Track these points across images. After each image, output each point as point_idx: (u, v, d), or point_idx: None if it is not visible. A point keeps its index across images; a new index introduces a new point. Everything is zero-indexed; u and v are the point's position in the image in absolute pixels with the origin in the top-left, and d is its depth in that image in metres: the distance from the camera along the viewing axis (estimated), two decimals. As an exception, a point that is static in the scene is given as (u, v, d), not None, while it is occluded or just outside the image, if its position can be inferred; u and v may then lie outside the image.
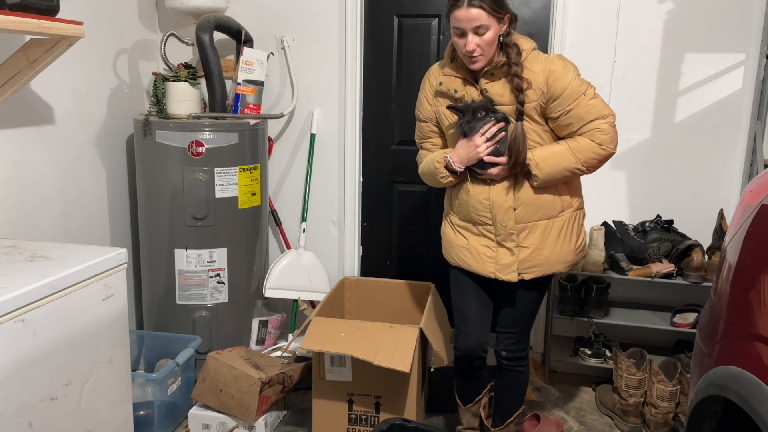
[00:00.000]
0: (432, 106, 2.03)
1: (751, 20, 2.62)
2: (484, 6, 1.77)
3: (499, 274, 1.98)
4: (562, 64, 1.86)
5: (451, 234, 2.10)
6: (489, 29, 1.79)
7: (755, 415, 1.21)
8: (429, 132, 2.08)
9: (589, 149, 1.87)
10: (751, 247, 1.41)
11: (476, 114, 1.86)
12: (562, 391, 2.85)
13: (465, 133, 1.88)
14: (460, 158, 1.91)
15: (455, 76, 1.95)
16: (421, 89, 2.07)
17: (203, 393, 2.36)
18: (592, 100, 1.86)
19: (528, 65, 1.86)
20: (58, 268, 1.67)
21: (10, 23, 1.72)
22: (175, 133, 2.60)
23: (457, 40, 1.84)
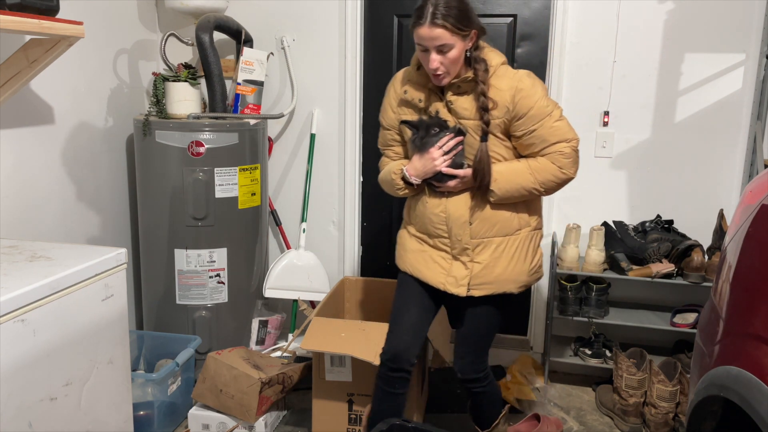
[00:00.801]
0: (396, 114, 1.97)
1: (751, 20, 2.62)
2: (447, 25, 1.70)
3: (449, 287, 1.92)
4: (531, 83, 1.81)
5: (407, 239, 2.04)
6: (453, 47, 1.73)
7: (755, 416, 1.21)
8: (391, 140, 2.02)
9: (549, 171, 1.83)
10: (751, 247, 1.41)
11: (430, 130, 1.83)
12: (562, 391, 2.85)
13: (418, 148, 1.85)
14: (417, 171, 1.87)
15: (421, 86, 1.89)
16: (386, 96, 2.01)
17: (203, 393, 2.36)
18: (558, 122, 1.82)
19: (495, 82, 1.80)
20: (58, 268, 1.67)
21: (10, 23, 1.72)
22: (175, 133, 2.60)
23: (421, 56, 1.78)
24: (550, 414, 2.64)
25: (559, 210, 2.97)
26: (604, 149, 2.86)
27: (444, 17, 1.69)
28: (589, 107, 2.84)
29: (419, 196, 1.96)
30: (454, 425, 2.56)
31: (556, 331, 3.02)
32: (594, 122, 2.85)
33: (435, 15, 1.69)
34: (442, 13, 1.69)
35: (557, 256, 2.78)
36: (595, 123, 2.85)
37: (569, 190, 2.92)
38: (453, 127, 1.83)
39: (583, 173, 2.89)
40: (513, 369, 2.90)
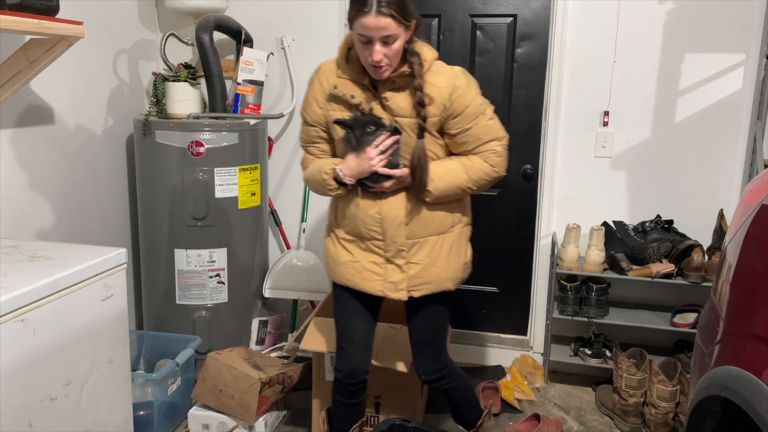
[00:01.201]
0: (323, 109, 1.83)
1: (751, 20, 2.62)
2: (394, 14, 1.62)
3: (388, 293, 1.86)
4: (466, 81, 1.77)
5: (334, 250, 1.93)
6: (397, 38, 1.65)
7: (755, 416, 1.21)
8: (316, 137, 1.89)
9: (481, 170, 1.81)
10: (751, 247, 1.41)
11: (366, 128, 1.74)
12: (562, 391, 2.85)
13: (354, 148, 1.76)
14: (352, 171, 1.77)
15: (352, 81, 1.78)
16: (310, 89, 1.87)
17: (203, 393, 2.36)
18: (491, 120, 1.80)
19: (431, 79, 1.74)
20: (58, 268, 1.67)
21: (10, 23, 1.72)
22: (175, 133, 2.60)
23: (362, 48, 1.67)
24: (550, 414, 2.64)
25: (559, 210, 2.97)
26: (604, 149, 2.86)
27: (389, 5, 1.61)
28: (589, 107, 2.84)
29: (350, 197, 1.86)
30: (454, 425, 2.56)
31: (556, 331, 3.02)
32: (594, 122, 2.85)
33: (380, 3, 1.60)
34: (386, 1, 1.60)
35: (557, 256, 2.78)
36: (595, 123, 2.85)
37: (569, 190, 2.93)
38: (389, 125, 1.75)
39: (583, 173, 2.90)
40: (513, 369, 2.90)
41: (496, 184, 3.02)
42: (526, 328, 3.17)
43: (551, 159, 2.91)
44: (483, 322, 3.22)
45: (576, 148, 2.89)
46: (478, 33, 2.93)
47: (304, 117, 1.89)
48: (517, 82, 2.94)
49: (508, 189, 3.05)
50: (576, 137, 2.88)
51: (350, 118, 1.77)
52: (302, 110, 1.90)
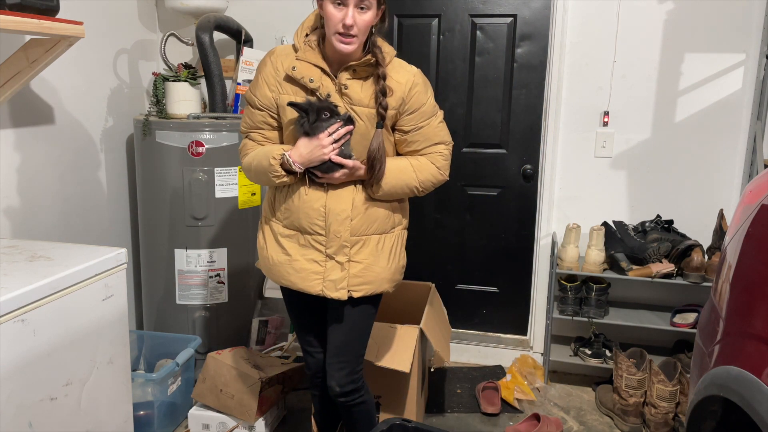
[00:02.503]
0: (274, 92, 1.74)
1: (751, 20, 2.62)
2: None
3: (327, 292, 1.77)
4: (424, 81, 1.78)
5: (269, 248, 1.84)
6: (370, 9, 1.63)
7: (755, 416, 1.21)
8: (262, 122, 1.78)
9: (429, 171, 1.80)
10: (751, 247, 1.41)
11: (321, 114, 1.67)
12: (562, 391, 2.85)
13: (307, 133, 1.68)
14: (302, 158, 1.68)
15: (312, 64, 1.71)
16: (261, 71, 1.76)
17: (203, 393, 2.36)
18: (441, 123, 1.81)
19: (392, 73, 1.73)
20: (58, 268, 1.67)
21: (10, 23, 1.72)
22: (175, 133, 2.60)
23: (334, 11, 1.61)
24: (550, 414, 2.64)
25: (559, 210, 2.97)
26: (604, 149, 2.86)
27: None
28: (589, 107, 2.84)
29: (293, 188, 1.77)
30: (454, 425, 2.56)
31: (556, 331, 3.02)
32: (594, 122, 2.85)
33: None
34: None
35: (557, 256, 2.78)
36: (595, 123, 2.85)
37: (569, 190, 2.93)
38: (344, 114, 1.69)
39: (583, 173, 2.90)
40: (513, 369, 2.90)
41: (496, 184, 3.05)
42: (526, 328, 3.17)
43: (551, 159, 2.91)
44: (483, 322, 3.22)
45: (576, 148, 2.89)
46: (478, 33, 2.93)
47: (250, 100, 1.78)
48: (517, 82, 2.94)
49: (508, 189, 3.05)
50: (576, 137, 2.88)
51: (305, 102, 1.69)
52: (248, 93, 1.79)
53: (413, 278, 2.86)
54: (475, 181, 3.08)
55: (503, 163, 3.04)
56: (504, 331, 3.21)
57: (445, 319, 2.73)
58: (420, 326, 2.29)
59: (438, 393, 2.80)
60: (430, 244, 3.19)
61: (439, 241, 3.18)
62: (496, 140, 3.02)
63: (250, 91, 1.79)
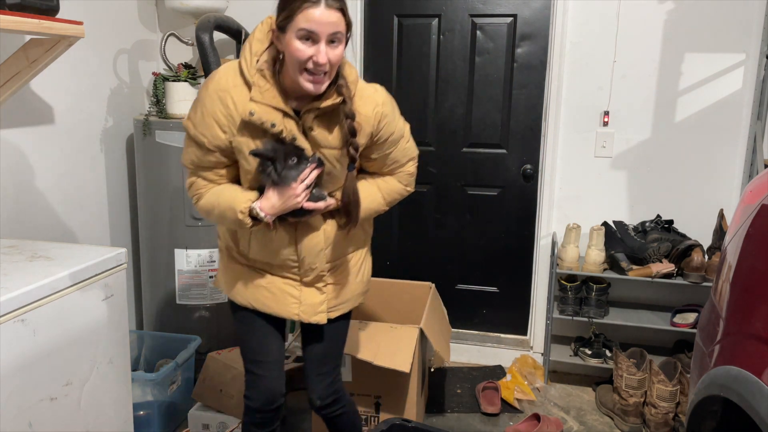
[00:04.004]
0: (228, 134, 1.52)
1: (751, 20, 2.62)
2: (344, 10, 1.43)
3: (305, 316, 1.69)
4: (391, 106, 1.64)
5: (240, 270, 1.73)
6: (341, 43, 1.45)
7: (755, 416, 1.21)
8: (215, 162, 1.58)
9: (396, 191, 1.75)
10: (751, 247, 1.41)
11: (288, 160, 1.51)
12: (562, 391, 2.85)
13: (276, 183, 1.54)
14: (274, 209, 1.54)
15: (272, 107, 1.49)
16: (205, 106, 1.52)
17: (203, 393, 2.36)
18: (408, 142, 1.72)
19: (358, 106, 1.55)
20: (58, 268, 1.67)
21: (10, 23, 1.72)
22: (175, 133, 2.60)
23: (302, 48, 1.41)
24: (550, 414, 2.64)
25: (559, 210, 2.97)
26: (604, 149, 2.86)
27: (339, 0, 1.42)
28: (589, 107, 2.84)
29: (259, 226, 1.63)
30: (454, 425, 2.56)
31: (556, 331, 3.02)
32: (594, 122, 2.85)
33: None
34: None
35: (557, 256, 2.78)
36: (595, 123, 2.85)
37: (569, 190, 2.93)
38: (312, 157, 1.55)
39: (583, 173, 2.91)
40: (513, 369, 2.90)
41: (496, 184, 3.05)
42: (526, 328, 3.17)
43: (551, 159, 2.91)
44: (483, 322, 3.22)
45: (576, 148, 2.89)
46: (478, 33, 2.93)
47: (197, 139, 1.54)
48: (517, 82, 2.94)
49: (508, 189, 3.05)
50: (576, 137, 2.88)
51: (270, 149, 1.50)
52: (192, 130, 1.54)
53: (413, 278, 2.86)
54: (475, 181, 3.08)
55: (503, 163, 3.04)
56: (504, 331, 3.21)
57: (445, 319, 2.73)
58: (420, 326, 2.29)
59: (438, 393, 2.80)
60: (430, 244, 3.19)
61: (439, 241, 3.18)
62: (496, 140, 3.02)
63: (194, 128, 1.54)
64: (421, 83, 3.03)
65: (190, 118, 1.56)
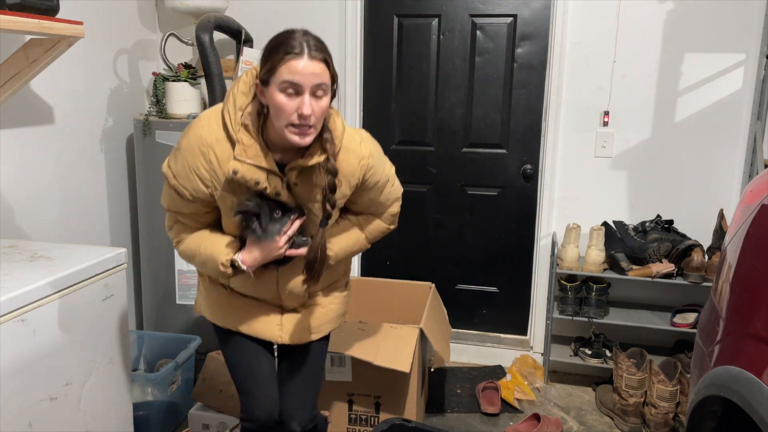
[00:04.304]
0: (210, 188, 1.50)
1: (751, 20, 2.62)
2: (328, 61, 1.41)
3: (287, 338, 1.69)
4: (377, 155, 1.61)
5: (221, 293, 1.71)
6: (326, 94, 1.41)
7: (755, 416, 1.21)
8: (196, 209, 1.57)
9: (379, 230, 1.75)
10: (751, 247, 1.41)
11: (273, 214, 1.52)
12: (562, 391, 2.85)
13: (259, 238, 1.54)
14: (257, 262, 1.55)
15: (256, 166, 1.46)
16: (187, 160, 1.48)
17: (203, 393, 2.36)
18: (393, 185, 1.71)
19: (343, 160, 1.53)
20: (58, 268, 1.67)
21: (10, 23, 1.72)
22: (175, 133, 2.60)
23: (286, 101, 1.37)
24: (550, 414, 2.64)
25: (559, 210, 2.97)
26: (604, 149, 2.86)
27: (321, 50, 1.39)
28: (589, 107, 2.84)
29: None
30: (454, 425, 2.56)
31: (556, 331, 3.02)
32: (594, 122, 2.85)
33: (311, 47, 1.37)
34: (318, 47, 1.39)
35: (557, 256, 2.78)
36: (595, 123, 2.85)
37: (569, 190, 2.93)
38: (295, 207, 1.56)
39: (583, 173, 2.91)
40: (513, 369, 2.90)
41: (496, 184, 3.05)
42: (526, 328, 3.17)
43: (551, 159, 2.91)
44: (483, 322, 3.22)
45: (576, 148, 2.89)
46: (478, 33, 2.93)
47: (178, 190, 1.52)
48: (517, 82, 2.94)
49: (508, 189, 3.05)
50: (576, 137, 2.88)
51: (254, 205, 1.50)
52: (172, 180, 1.52)
53: (413, 278, 2.86)
54: (475, 181, 3.08)
55: (503, 163, 3.04)
56: (504, 331, 3.21)
57: (445, 319, 2.73)
58: (420, 326, 2.29)
59: (438, 393, 2.80)
60: (430, 244, 3.19)
61: (439, 241, 3.18)
62: (496, 140, 3.02)
63: (175, 179, 1.51)
64: (421, 83, 3.04)
65: (171, 167, 1.53)
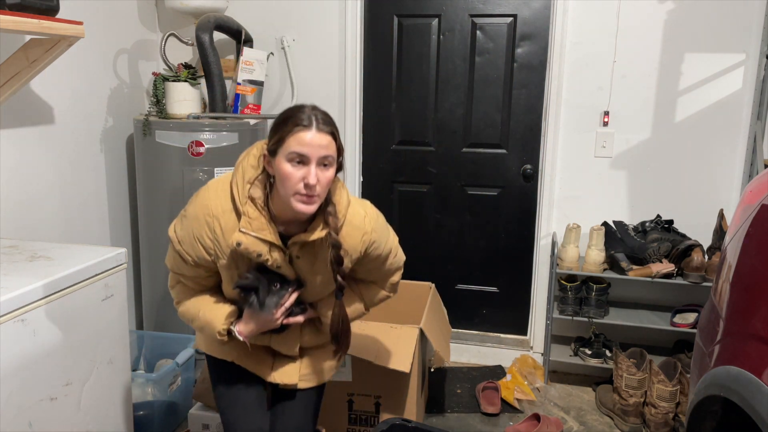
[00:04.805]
0: (213, 256, 1.55)
1: (751, 20, 2.62)
2: (335, 134, 1.47)
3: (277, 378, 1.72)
4: (380, 230, 1.64)
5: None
6: (332, 165, 1.47)
7: (755, 415, 1.21)
8: (198, 273, 1.62)
9: (380, 298, 1.78)
10: (751, 247, 1.41)
11: (271, 287, 1.56)
12: (562, 391, 2.85)
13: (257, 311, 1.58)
14: (252, 332, 1.61)
15: (260, 239, 1.49)
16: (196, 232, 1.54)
17: (203, 393, 2.36)
18: (396, 256, 1.73)
19: (347, 237, 1.56)
20: (58, 268, 1.67)
21: (10, 23, 1.72)
22: (175, 133, 2.60)
23: (293, 171, 1.42)
24: (550, 414, 2.64)
25: (559, 210, 2.97)
26: (604, 149, 2.86)
27: (328, 123, 1.45)
28: (589, 107, 2.84)
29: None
30: (454, 425, 2.56)
31: (556, 331, 3.02)
32: (594, 122, 2.85)
33: (319, 120, 1.43)
34: (326, 120, 1.45)
35: (557, 256, 2.78)
36: (595, 123, 2.85)
37: (569, 190, 2.93)
38: (293, 280, 1.60)
39: (583, 173, 2.91)
40: (513, 369, 2.90)
41: (496, 184, 3.05)
42: (526, 328, 3.17)
43: (551, 159, 2.91)
44: (483, 322, 3.22)
45: (576, 148, 2.89)
46: (478, 33, 2.93)
47: (182, 255, 1.58)
48: (517, 82, 2.94)
49: (508, 189, 3.05)
50: (576, 137, 2.88)
51: (253, 278, 1.54)
52: (177, 245, 1.58)
53: (413, 278, 2.86)
54: (475, 181, 3.08)
55: (503, 163, 3.04)
56: (504, 331, 3.21)
57: (445, 319, 2.73)
58: (420, 326, 2.29)
59: (438, 393, 2.80)
60: (430, 244, 3.19)
61: (439, 241, 3.18)
62: (496, 140, 3.02)
63: (180, 244, 1.57)
64: (421, 83, 3.04)
65: (176, 231, 1.59)
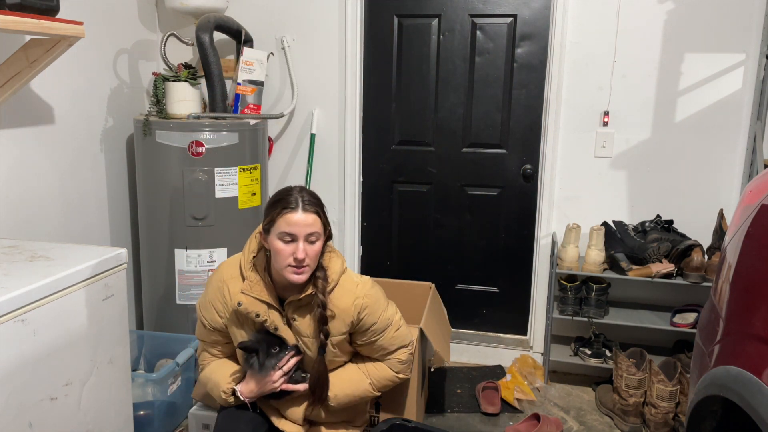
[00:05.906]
0: (223, 318, 1.78)
1: (751, 20, 2.62)
2: (320, 212, 1.68)
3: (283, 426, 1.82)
4: (374, 297, 1.77)
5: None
6: (319, 239, 1.67)
7: (755, 415, 1.21)
8: (216, 341, 1.84)
9: (386, 377, 1.84)
10: (751, 247, 1.41)
11: (270, 349, 1.72)
12: (562, 391, 2.85)
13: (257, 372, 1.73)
14: (253, 393, 1.76)
15: (258, 300, 1.72)
16: (210, 297, 1.79)
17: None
18: (398, 331, 1.83)
19: (337, 299, 1.72)
20: (58, 268, 1.67)
21: (10, 23, 1.72)
22: (175, 133, 2.60)
23: (283, 247, 1.64)
24: (550, 414, 2.64)
25: (559, 210, 2.97)
26: (604, 149, 2.86)
27: (313, 204, 1.67)
28: (589, 107, 2.84)
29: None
30: (454, 425, 2.56)
31: (556, 331, 3.02)
32: (594, 122, 2.85)
33: (305, 201, 1.65)
34: (311, 201, 1.67)
35: (557, 256, 2.78)
36: (595, 123, 2.85)
37: (569, 190, 2.93)
38: (292, 345, 1.75)
39: (583, 173, 2.91)
40: (513, 369, 2.90)
41: (496, 184, 3.05)
42: (526, 328, 3.17)
43: (551, 159, 2.91)
44: (483, 322, 3.22)
45: (576, 148, 2.89)
46: (478, 33, 2.93)
47: (202, 320, 1.82)
48: (517, 82, 2.94)
49: (508, 189, 3.05)
50: (576, 137, 2.88)
51: (254, 340, 1.72)
52: (199, 311, 1.82)
53: (413, 278, 2.86)
54: (475, 181, 3.08)
55: (503, 163, 3.04)
56: (504, 331, 3.21)
57: (445, 319, 2.73)
58: (420, 326, 2.29)
59: (438, 393, 2.80)
60: (430, 244, 3.19)
61: (439, 241, 3.18)
62: (496, 140, 3.02)
63: (200, 310, 1.81)
64: (421, 83, 3.04)
65: (200, 299, 1.83)
